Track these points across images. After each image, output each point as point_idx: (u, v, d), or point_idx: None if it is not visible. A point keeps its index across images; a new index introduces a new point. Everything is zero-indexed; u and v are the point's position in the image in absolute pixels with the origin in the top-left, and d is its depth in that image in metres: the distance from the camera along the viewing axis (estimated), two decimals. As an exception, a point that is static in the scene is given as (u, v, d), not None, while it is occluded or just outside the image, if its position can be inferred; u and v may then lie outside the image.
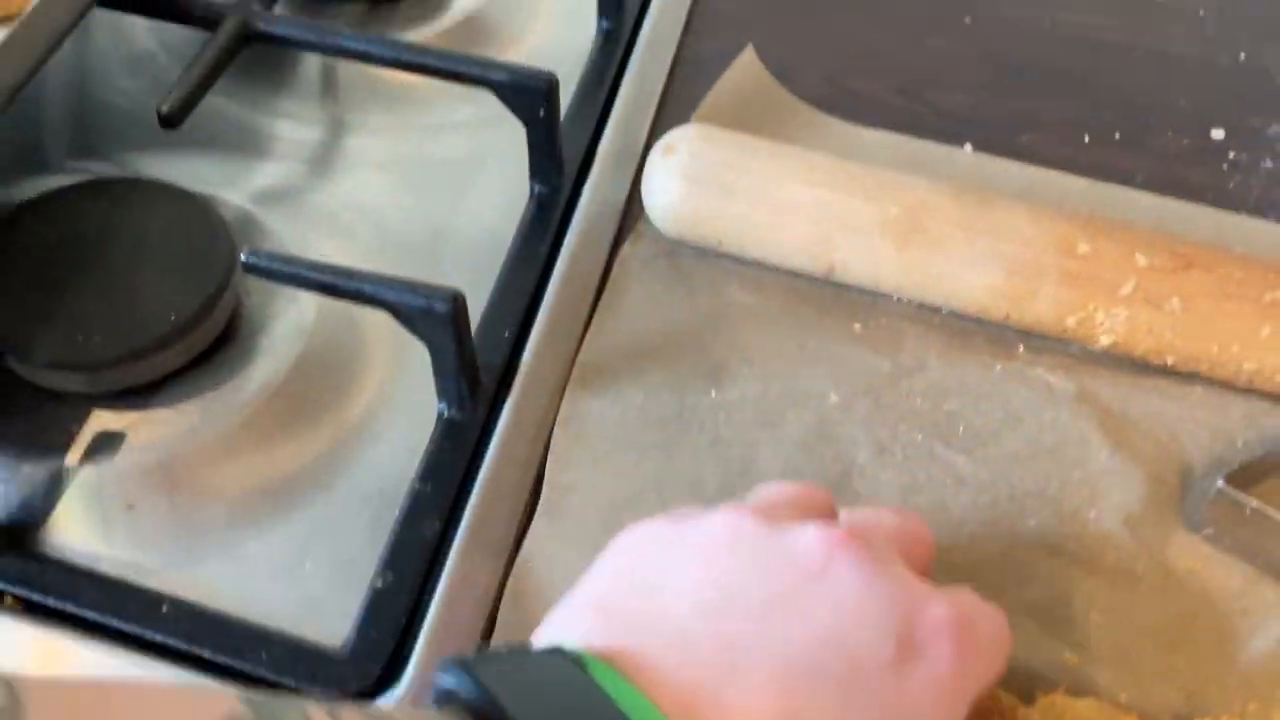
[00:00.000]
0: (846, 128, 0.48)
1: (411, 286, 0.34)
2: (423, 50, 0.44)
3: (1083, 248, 0.39)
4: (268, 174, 0.46)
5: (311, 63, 0.49)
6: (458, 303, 0.34)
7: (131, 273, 0.38)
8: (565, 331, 0.41)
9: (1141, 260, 0.38)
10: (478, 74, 0.42)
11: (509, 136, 0.43)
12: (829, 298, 0.42)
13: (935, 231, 0.40)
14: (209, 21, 0.43)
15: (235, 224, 0.41)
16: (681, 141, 0.43)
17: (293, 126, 0.48)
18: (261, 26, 0.43)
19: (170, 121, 0.40)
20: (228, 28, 0.43)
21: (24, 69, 0.37)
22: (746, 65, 0.50)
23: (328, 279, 0.35)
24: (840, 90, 0.50)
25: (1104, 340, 0.39)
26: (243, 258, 0.35)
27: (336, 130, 0.48)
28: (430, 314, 0.34)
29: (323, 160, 0.47)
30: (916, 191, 0.40)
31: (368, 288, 0.35)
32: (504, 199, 0.45)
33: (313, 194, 0.46)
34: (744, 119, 0.47)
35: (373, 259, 0.42)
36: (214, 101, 0.43)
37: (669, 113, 0.49)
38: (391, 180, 0.46)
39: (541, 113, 0.42)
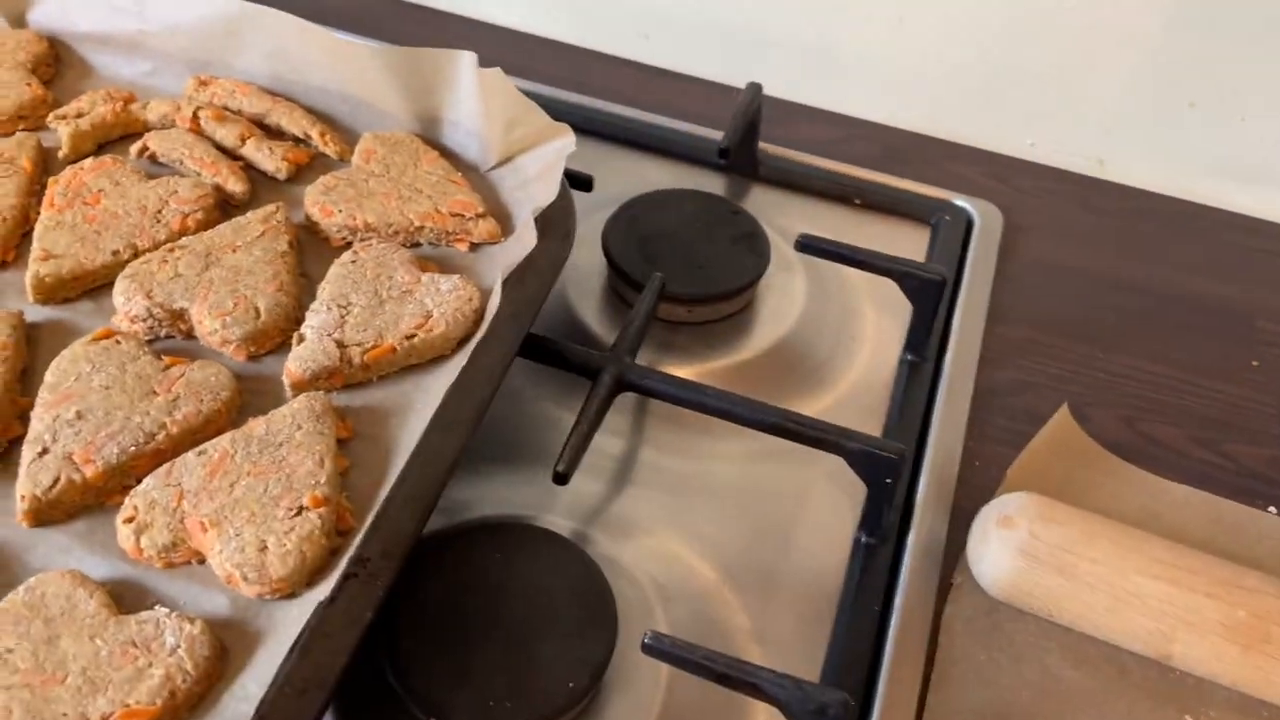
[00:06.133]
0: (1153, 483, 0.54)
1: (800, 686, 0.39)
2: (780, 413, 0.49)
3: None
4: (594, 495, 0.53)
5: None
6: (847, 709, 0.38)
7: (528, 631, 0.43)
8: (904, 701, 0.45)
9: None
10: (833, 441, 0.48)
11: (827, 469, 0.52)
12: (1154, 679, 0.46)
13: None
14: (589, 371, 0.50)
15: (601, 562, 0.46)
16: (1021, 516, 0.47)
17: (612, 443, 0.55)
18: (634, 379, 0.50)
19: (564, 479, 0.46)
20: (605, 380, 0.49)
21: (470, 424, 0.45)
22: (1062, 424, 0.54)
23: (721, 668, 0.40)
24: (1139, 435, 0.58)
25: None
26: (646, 639, 0.40)
27: (654, 450, 0.55)
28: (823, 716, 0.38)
29: (645, 481, 0.54)
30: (1263, 598, 0.45)
31: (763, 683, 0.39)
32: (826, 537, 0.52)
33: (648, 522, 0.52)
34: (1058, 474, 0.53)
35: (718, 594, 0.49)
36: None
37: (976, 450, 0.56)
38: (720, 507, 0.53)
39: (887, 481, 0.48)
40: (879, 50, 0.77)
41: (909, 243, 0.69)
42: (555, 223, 0.53)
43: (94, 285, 0.51)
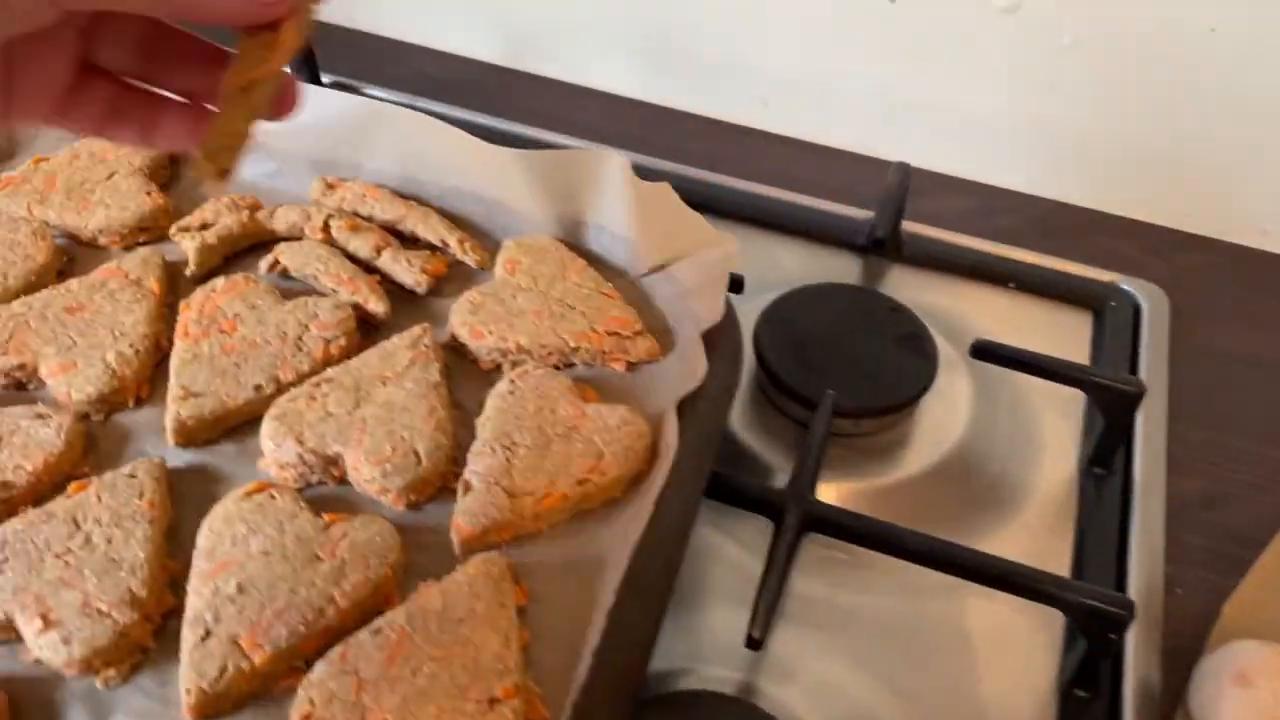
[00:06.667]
0: None
1: None
2: (992, 561, 0.45)
3: None
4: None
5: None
6: None
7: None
8: None
9: None
10: (1054, 595, 0.44)
11: (1012, 602, 0.46)
12: None
13: None
14: (770, 510, 0.46)
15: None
16: (1259, 675, 0.43)
17: (756, 568, 0.47)
18: (822, 517, 0.46)
19: (759, 645, 0.42)
20: (791, 522, 0.45)
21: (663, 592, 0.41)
22: (1277, 551, 0.49)
23: None
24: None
25: None
26: None
27: (807, 579, 0.49)
28: None
29: (803, 617, 0.48)
30: None
31: None
32: (1025, 682, 0.47)
33: (819, 666, 0.47)
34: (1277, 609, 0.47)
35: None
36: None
37: (1177, 575, 0.51)
38: (896, 648, 0.48)
39: (1113, 639, 0.44)
40: (1023, 116, 0.72)
41: (1069, 331, 0.64)
42: (720, 341, 0.49)
43: (236, 423, 0.47)
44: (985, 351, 0.53)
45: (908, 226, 0.67)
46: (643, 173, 0.54)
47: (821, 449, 0.49)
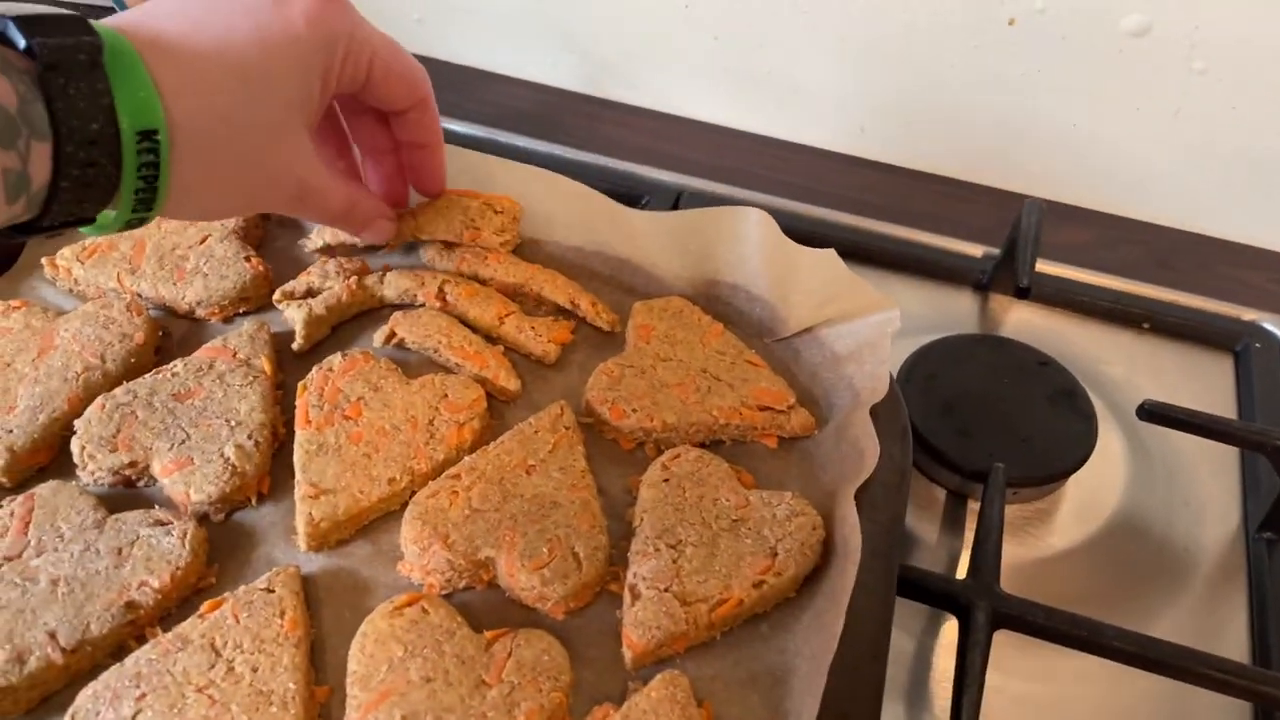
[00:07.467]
0: None
1: None
2: (1206, 660, 0.42)
3: None
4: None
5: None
6: None
7: None
8: None
9: None
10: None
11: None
12: None
13: None
14: (955, 605, 0.43)
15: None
16: None
17: (930, 656, 0.46)
18: (1012, 614, 0.42)
19: None
20: (980, 619, 0.42)
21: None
22: None
23: None
24: None
25: None
26: None
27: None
28: None
29: (995, 713, 0.45)
30: None
31: None
32: None
33: None
34: None
35: None
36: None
37: None
38: None
39: None
40: (1145, 144, 0.68)
41: (1209, 376, 0.61)
42: (885, 418, 0.46)
43: (369, 520, 0.43)
44: (1155, 414, 0.50)
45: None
46: (732, 204, 0.51)
47: (1000, 531, 0.45)
